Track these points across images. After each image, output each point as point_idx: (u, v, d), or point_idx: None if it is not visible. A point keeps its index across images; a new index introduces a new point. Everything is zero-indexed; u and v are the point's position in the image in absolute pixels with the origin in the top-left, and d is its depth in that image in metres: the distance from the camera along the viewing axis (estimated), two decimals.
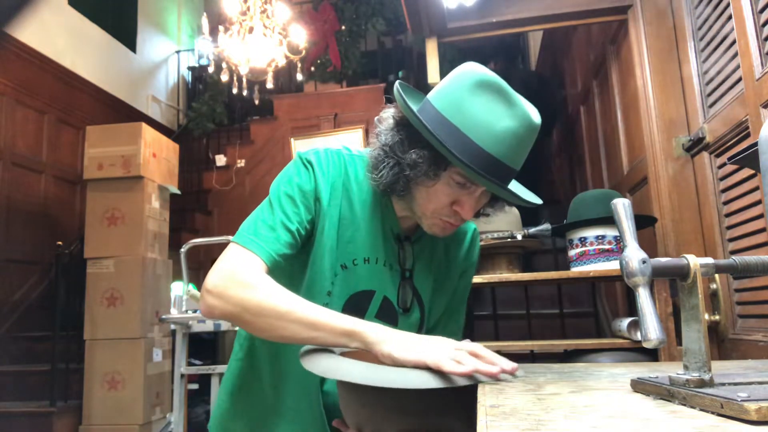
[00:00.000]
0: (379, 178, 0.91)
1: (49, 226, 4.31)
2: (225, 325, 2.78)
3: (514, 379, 0.77)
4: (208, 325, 2.88)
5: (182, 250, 2.88)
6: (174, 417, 2.84)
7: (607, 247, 1.84)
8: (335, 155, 0.97)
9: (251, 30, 4.35)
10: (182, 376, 2.90)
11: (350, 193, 0.97)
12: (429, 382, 0.67)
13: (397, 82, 0.89)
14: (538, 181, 5.24)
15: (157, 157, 3.60)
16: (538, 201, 0.96)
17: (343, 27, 6.29)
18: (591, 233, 1.87)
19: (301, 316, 0.79)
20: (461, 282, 1.08)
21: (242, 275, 0.83)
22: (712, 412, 0.53)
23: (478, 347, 0.77)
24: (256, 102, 5.09)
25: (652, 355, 1.76)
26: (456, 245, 1.06)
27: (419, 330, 1.01)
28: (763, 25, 1.42)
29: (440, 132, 0.84)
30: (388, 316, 0.98)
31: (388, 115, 0.92)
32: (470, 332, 3.19)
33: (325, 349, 0.79)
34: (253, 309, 0.80)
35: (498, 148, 0.84)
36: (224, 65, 4.35)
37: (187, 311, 3.09)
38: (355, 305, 0.96)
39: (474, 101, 0.84)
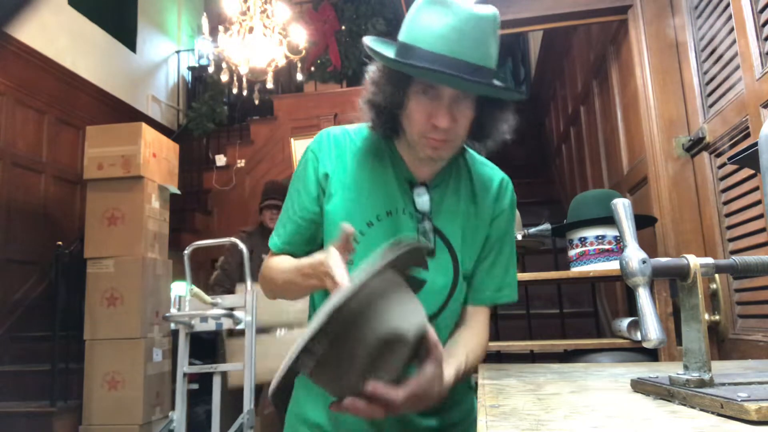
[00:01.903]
0: (374, 127, 0.98)
1: (49, 226, 4.31)
2: (226, 323, 2.78)
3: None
4: (210, 324, 2.88)
5: (186, 252, 2.88)
6: (176, 415, 2.85)
7: (607, 247, 1.84)
8: (336, 131, 1.05)
9: (251, 30, 4.35)
10: (184, 375, 2.90)
11: (357, 158, 1.01)
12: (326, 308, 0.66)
13: (367, 38, 0.93)
14: (538, 181, 5.25)
15: (157, 157, 3.60)
16: (516, 96, 0.93)
17: (343, 27, 6.28)
18: (591, 233, 1.87)
19: (283, 277, 0.98)
20: (494, 230, 1.05)
21: (262, 267, 1.06)
22: (712, 412, 0.53)
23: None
24: (256, 102, 5.09)
25: (652, 355, 1.76)
26: (483, 192, 1.06)
27: (454, 275, 1.01)
28: (763, 25, 1.42)
29: (392, 53, 0.90)
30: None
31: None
32: None
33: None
34: (266, 285, 1.06)
35: (440, 43, 0.85)
36: (224, 65, 4.35)
37: (189, 311, 3.08)
38: None
39: (419, 16, 0.89)
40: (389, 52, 0.92)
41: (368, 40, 0.93)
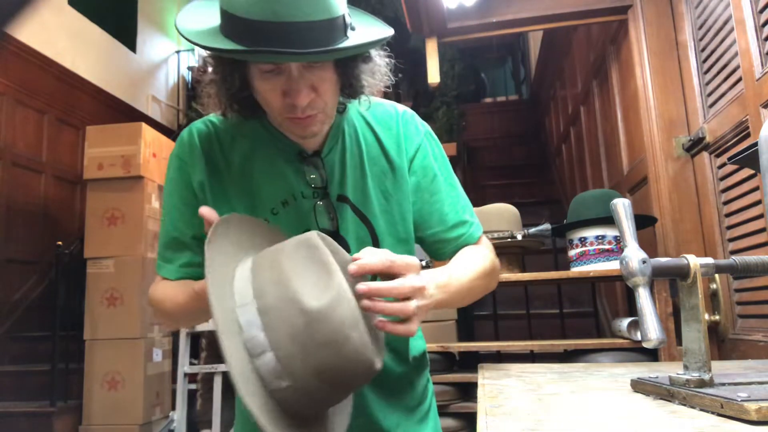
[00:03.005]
0: (232, 116, 0.84)
1: (49, 226, 4.31)
2: None
3: None
4: (210, 324, 2.88)
5: None
6: (177, 415, 2.84)
7: (607, 247, 1.84)
8: (199, 126, 0.91)
9: None
10: (185, 375, 2.90)
11: (232, 151, 0.88)
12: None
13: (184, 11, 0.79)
14: (539, 182, 5.25)
15: (157, 157, 3.60)
16: (379, 39, 0.77)
17: None
18: (591, 233, 1.87)
19: (182, 309, 0.84)
20: (417, 170, 0.91)
21: (151, 295, 0.93)
22: (712, 412, 0.53)
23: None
24: None
25: (652, 355, 1.76)
26: (386, 133, 0.91)
27: (373, 242, 0.87)
28: (763, 25, 1.42)
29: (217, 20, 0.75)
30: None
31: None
32: (470, 332, 3.19)
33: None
34: (164, 318, 0.94)
35: (259, 7, 0.69)
36: None
37: None
38: None
39: None
40: (211, 16, 0.77)
41: (182, 14, 0.78)
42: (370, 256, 0.67)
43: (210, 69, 0.80)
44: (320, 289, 0.62)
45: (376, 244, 0.88)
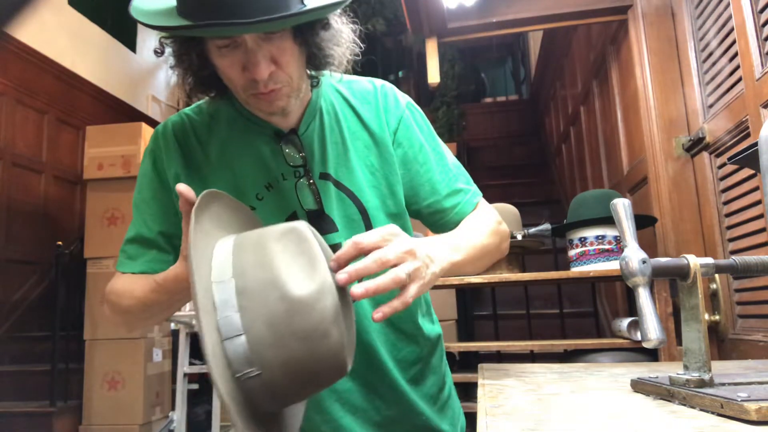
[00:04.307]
0: (202, 95, 0.83)
1: (49, 226, 4.31)
2: None
3: None
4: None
5: None
6: (177, 415, 2.84)
7: (607, 247, 1.84)
8: (174, 119, 0.88)
9: None
10: (185, 375, 2.90)
11: (208, 139, 0.86)
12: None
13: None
14: (539, 182, 5.25)
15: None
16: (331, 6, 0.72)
17: None
18: (591, 233, 1.87)
19: (139, 302, 0.79)
20: (403, 143, 0.88)
21: (108, 292, 0.88)
22: (712, 412, 0.53)
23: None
24: None
25: (652, 355, 1.76)
26: (365, 107, 0.88)
27: (364, 222, 0.85)
28: (763, 25, 1.42)
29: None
30: (323, 227, 0.83)
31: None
32: (470, 332, 3.19)
33: None
34: (118, 316, 0.85)
35: None
36: None
37: (190, 310, 3.09)
38: None
39: None
40: None
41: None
42: (343, 248, 0.63)
43: (168, 51, 0.78)
44: (305, 278, 0.58)
45: (367, 220, 0.85)
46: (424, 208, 0.89)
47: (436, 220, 0.89)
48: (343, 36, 0.80)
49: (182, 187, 0.67)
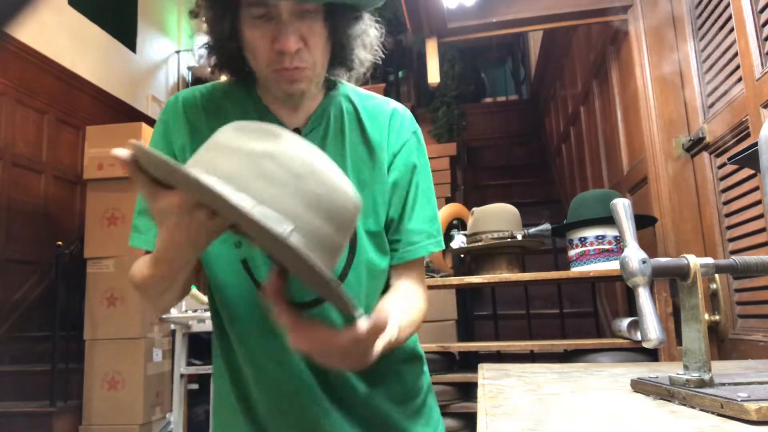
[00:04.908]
0: (223, 72, 0.84)
1: (49, 226, 4.31)
2: None
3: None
4: (208, 325, 2.88)
5: None
6: (174, 417, 2.85)
7: (607, 247, 1.84)
8: (186, 92, 0.89)
9: None
10: (182, 376, 2.90)
11: (216, 118, 0.85)
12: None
13: None
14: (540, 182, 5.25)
15: None
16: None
17: None
18: (591, 233, 1.87)
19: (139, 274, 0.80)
20: (398, 168, 0.88)
21: (132, 275, 0.90)
22: (712, 412, 0.53)
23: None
24: None
25: (652, 355, 1.76)
26: (375, 128, 0.89)
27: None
28: (763, 25, 1.42)
29: None
30: None
31: None
32: (470, 332, 3.19)
33: None
34: (145, 296, 0.86)
35: None
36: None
37: (187, 311, 3.09)
38: None
39: None
40: None
41: None
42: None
43: (205, 24, 0.79)
44: (269, 141, 0.59)
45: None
46: (386, 225, 0.89)
47: (389, 244, 0.90)
48: (369, 37, 0.83)
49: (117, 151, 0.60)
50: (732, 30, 1.57)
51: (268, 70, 0.77)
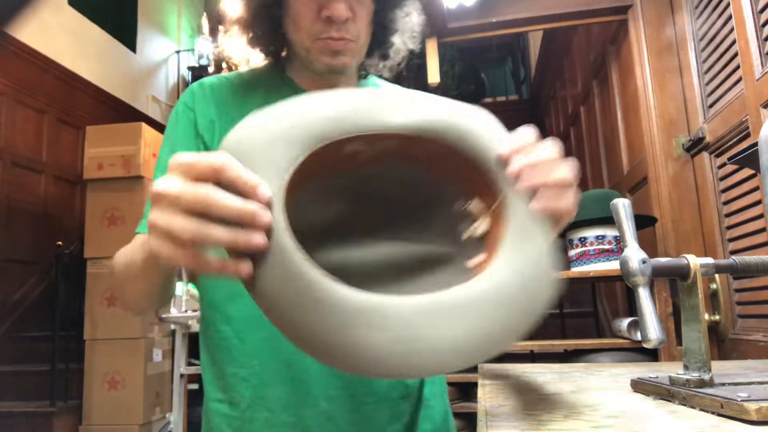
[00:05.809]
0: (262, 52, 0.81)
1: (49, 226, 4.31)
2: None
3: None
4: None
5: None
6: (173, 417, 2.84)
7: (607, 247, 1.84)
8: (210, 78, 0.86)
9: None
10: (182, 376, 2.90)
11: (244, 101, 0.82)
12: None
13: None
14: None
15: (157, 157, 3.61)
16: None
17: None
18: (591, 233, 1.87)
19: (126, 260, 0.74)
20: None
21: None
22: (712, 412, 0.53)
23: None
24: None
25: (652, 355, 1.76)
26: None
27: None
28: (763, 25, 1.42)
29: None
30: None
31: None
32: None
33: None
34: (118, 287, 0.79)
35: None
36: (224, 65, 4.36)
37: (186, 311, 3.09)
38: None
39: None
40: None
41: None
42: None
43: (251, 8, 0.77)
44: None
45: None
46: None
47: None
48: (411, 23, 0.82)
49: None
50: (732, 30, 1.57)
51: (310, 39, 0.74)
